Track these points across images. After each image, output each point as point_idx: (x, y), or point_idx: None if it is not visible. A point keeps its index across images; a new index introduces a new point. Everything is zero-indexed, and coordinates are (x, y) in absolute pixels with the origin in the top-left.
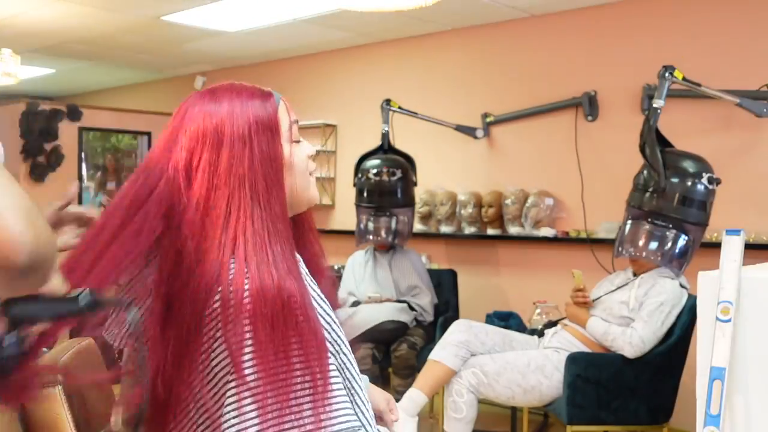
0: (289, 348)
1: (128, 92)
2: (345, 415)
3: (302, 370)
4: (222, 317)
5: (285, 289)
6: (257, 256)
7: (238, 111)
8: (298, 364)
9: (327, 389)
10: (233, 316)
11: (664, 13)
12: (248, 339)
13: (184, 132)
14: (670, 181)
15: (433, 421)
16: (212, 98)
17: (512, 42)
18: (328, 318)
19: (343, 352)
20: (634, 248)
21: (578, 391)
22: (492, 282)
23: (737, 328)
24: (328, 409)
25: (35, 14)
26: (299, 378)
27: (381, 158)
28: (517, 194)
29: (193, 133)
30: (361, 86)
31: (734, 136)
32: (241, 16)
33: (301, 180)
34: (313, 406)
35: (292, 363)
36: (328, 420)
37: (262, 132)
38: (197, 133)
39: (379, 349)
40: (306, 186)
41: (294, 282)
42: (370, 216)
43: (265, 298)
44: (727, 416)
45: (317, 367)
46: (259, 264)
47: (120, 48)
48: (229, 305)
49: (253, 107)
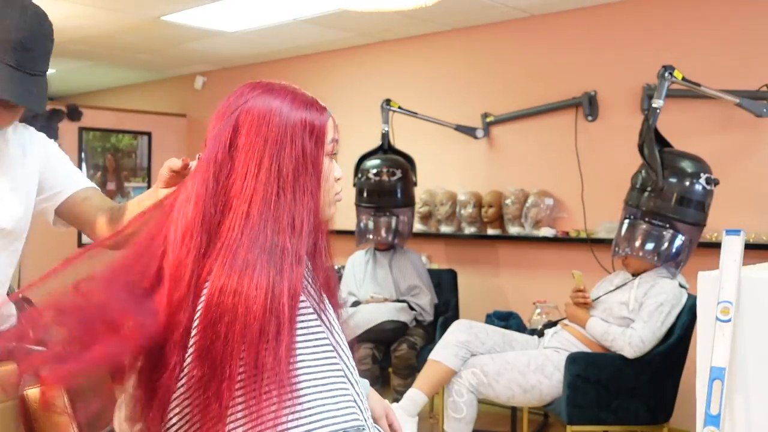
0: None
1: (128, 92)
2: (352, 413)
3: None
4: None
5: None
6: (256, 253)
7: (291, 108)
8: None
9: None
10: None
11: (664, 13)
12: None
13: (233, 111)
14: (668, 181)
15: (433, 421)
16: (269, 91)
17: (512, 42)
18: (333, 327)
19: (342, 358)
20: (632, 248)
21: (578, 391)
22: (492, 282)
23: (737, 328)
24: (330, 407)
25: None
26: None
27: (381, 158)
28: (517, 194)
29: (244, 114)
30: (361, 86)
31: (734, 136)
32: (241, 16)
33: (326, 195)
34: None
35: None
36: (333, 417)
37: (309, 135)
38: (248, 115)
39: (379, 349)
40: (328, 202)
41: (286, 282)
42: (370, 216)
43: (222, 301)
44: (727, 416)
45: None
46: (253, 261)
47: (120, 48)
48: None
49: (306, 110)
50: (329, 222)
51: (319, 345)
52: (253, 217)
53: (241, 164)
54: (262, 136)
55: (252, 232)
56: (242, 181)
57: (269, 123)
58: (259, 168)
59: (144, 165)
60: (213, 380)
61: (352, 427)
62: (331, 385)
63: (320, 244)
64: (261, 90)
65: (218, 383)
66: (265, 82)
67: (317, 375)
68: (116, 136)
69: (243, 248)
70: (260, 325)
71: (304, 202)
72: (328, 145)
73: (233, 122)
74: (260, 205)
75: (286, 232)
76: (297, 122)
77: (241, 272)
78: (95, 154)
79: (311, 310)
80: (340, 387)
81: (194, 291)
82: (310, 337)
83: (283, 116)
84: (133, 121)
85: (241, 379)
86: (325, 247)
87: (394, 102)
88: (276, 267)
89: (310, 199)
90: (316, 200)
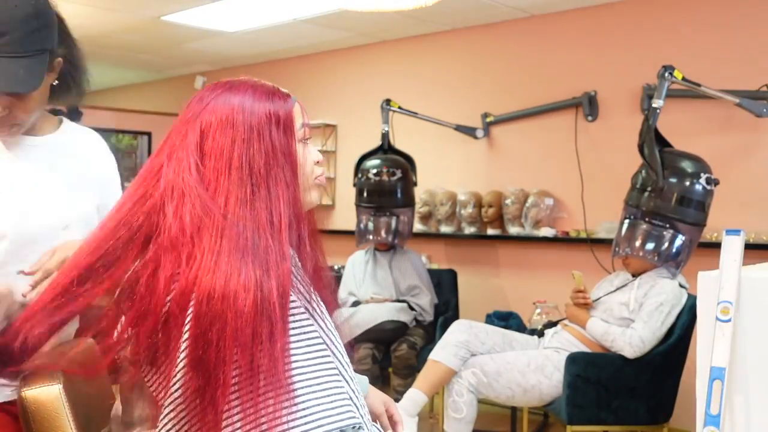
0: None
1: (128, 92)
2: (348, 411)
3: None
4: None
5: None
6: (239, 251)
7: (254, 102)
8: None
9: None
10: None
11: (664, 13)
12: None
13: (196, 117)
14: (668, 181)
15: (433, 421)
16: (229, 89)
17: (512, 42)
18: (324, 324)
19: (335, 354)
20: (632, 248)
21: (578, 391)
22: (492, 282)
23: (737, 328)
24: (326, 406)
25: None
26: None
27: (381, 158)
28: (517, 194)
29: (207, 118)
30: (361, 86)
31: (734, 136)
32: (241, 16)
33: (304, 181)
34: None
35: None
36: (328, 416)
37: (275, 126)
38: (211, 118)
39: (379, 349)
40: (307, 188)
41: (274, 281)
42: (370, 216)
43: (210, 298)
44: (727, 416)
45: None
46: (238, 259)
47: (120, 48)
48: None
49: (269, 101)
50: (313, 211)
51: (311, 343)
52: (230, 219)
53: (212, 169)
54: (229, 136)
55: (231, 236)
56: (215, 185)
57: (233, 122)
58: (230, 169)
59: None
60: (208, 388)
61: (348, 425)
62: (326, 384)
63: (304, 234)
64: (221, 90)
65: (213, 390)
66: (224, 81)
67: (311, 374)
68: (116, 136)
69: (224, 253)
70: (252, 328)
71: (280, 195)
72: (299, 132)
73: (199, 128)
74: (236, 207)
75: (266, 230)
76: (262, 116)
77: (227, 277)
78: None
79: (302, 309)
80: (334, 385)
81: (178, 303)
82: (302, 336)
83: (246, 112)
84: (133, 121)
85: (235, 383)
86: (310, 237)
87: (394, 102)
88: (262, 266)
89: (285, 190)
90: (292, 190)
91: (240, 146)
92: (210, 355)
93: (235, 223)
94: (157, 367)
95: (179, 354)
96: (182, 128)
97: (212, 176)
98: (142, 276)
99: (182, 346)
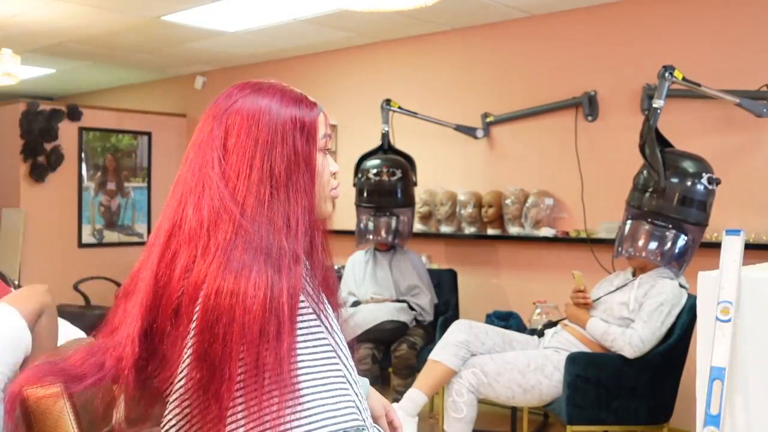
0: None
1: (128, 92)
2: (352, 413)
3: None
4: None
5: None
6: (252, 252)
7: (281, 107)
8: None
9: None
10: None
11: (664, 13)
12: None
13: (223, 113)
14: (669, 181)
15: (433, 421)
16: (258, 90)
17: (512, 42)
18: (332, 327)
19: (341, 358)
20: (634, 248)
21: (578, 391)
22: (492, 282)
23: (737, 328)
24: (330, 408)
25: (35, 14)
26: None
27: (381, 158)
28: (517, 194)
29: (234, 116)
30: (361, 86)
31: (734, 136)
32: (241, 16)
33: (320, 190)
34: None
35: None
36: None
37: (300, 132)
38: (237, 116)
39: (379, 349)
40: (323, 198)
41: (285, 281)
42: (370, 216)
43: (218, 302)
44: (727, 416)
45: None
46: (250, 261)
47: (120, 48)
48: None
49: (296, 107)
50: (327, 220)
51: (318, 345)
52: (247, 218)
53: (233, 166)
54: (253, 136)
55: (246, 234)
56: (235, 182)
57: (259, 123)
58: (251, 169)
59: (144, 165)
60: (212, 382)
61: (352, 427)
62: (331, 386)
63: (317, 242)
64: (250, 90)
65: (218, 385)
66: (253, 82)
67: (317, 375)
68: (116, 136)
69: (238, 250)
70: (260, 326)
71: (299, 200)
72: (321, 141)
73: (224, 125)
74: (254, 206)
75: (281, 232)
76: (287, 120)
77: (237, 273)
78: (95, 154)
79: (310, 311)
80: (339, 387)
81: (190, 295)
82: (310, 337)
83: (272, 115)
84: (133, 121)
85: (240, 380)
86: (322, 245)
87: (394, 102)
88: (274, 266)
89: (304, 197)
90: (310, 198)
91: (263, 148)
92: (216, 350)
93: (251, 221)
94: (164, 360)
95: (186, 347)
96: (209, 123)
97: (233, 173)
98: (161, 267)
99: (189, 340)
